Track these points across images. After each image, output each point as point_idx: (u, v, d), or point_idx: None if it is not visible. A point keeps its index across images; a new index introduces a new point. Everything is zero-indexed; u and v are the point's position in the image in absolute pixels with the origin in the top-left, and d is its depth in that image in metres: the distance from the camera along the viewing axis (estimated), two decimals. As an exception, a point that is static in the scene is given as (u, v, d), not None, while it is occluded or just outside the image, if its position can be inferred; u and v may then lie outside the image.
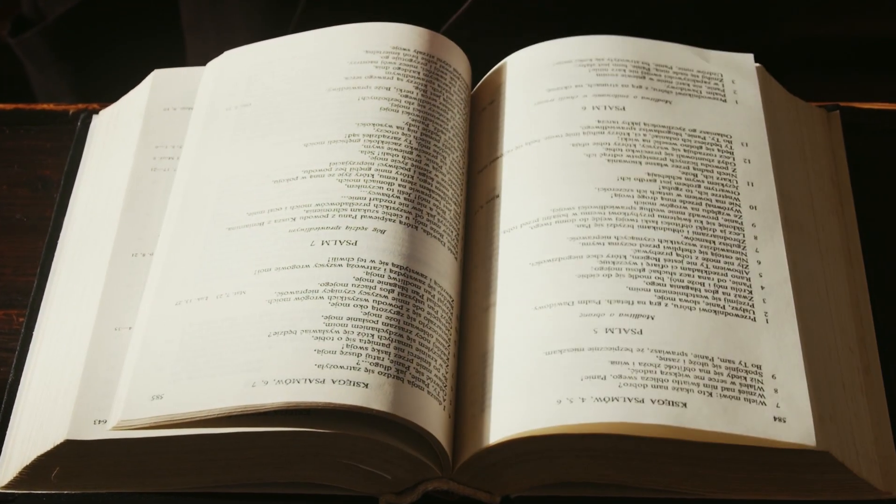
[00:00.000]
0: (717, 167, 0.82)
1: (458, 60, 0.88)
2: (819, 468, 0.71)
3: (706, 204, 0.80)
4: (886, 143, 0.92)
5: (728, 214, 0.79)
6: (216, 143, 0.84)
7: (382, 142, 0.82)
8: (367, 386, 0.70)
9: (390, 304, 0.74)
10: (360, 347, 0.72)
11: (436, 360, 0.74)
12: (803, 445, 0.70)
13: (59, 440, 0.72)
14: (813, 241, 0.81)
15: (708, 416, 0.70)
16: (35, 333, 0.79)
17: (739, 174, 0.81)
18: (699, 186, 0.80)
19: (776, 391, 0.72)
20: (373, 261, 0.76)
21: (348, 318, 0.73)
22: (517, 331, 0.75)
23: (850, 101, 0.93)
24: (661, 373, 0.71)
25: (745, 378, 0.72)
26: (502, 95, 0.88)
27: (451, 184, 0.82)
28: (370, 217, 0.78)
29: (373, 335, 0.72)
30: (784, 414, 0.71)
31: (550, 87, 0.86)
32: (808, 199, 0.83)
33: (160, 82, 0.89)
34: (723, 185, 0.81)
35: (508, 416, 0.71)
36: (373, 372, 0.71)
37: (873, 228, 0.85)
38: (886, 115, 0.94)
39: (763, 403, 0.71)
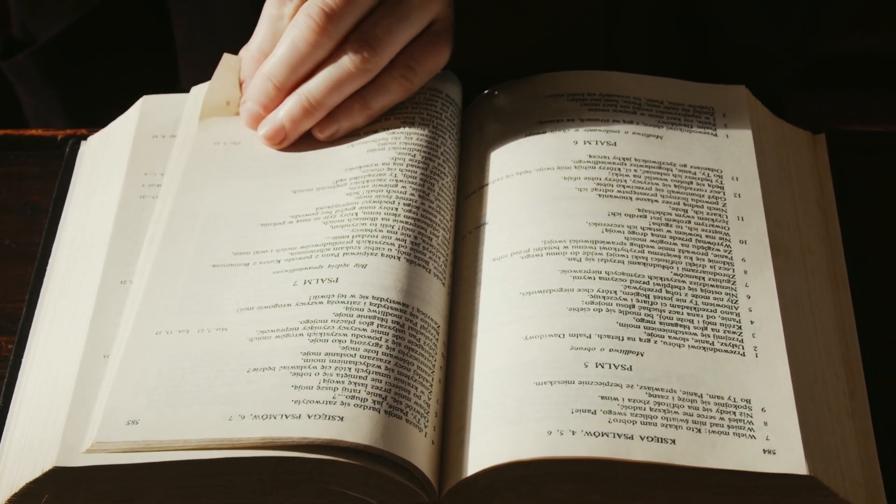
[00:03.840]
0: (707, 202, 0.82)
1: (450, 85, 0.88)
2: (805, 492, 0.71)
3: (696, 240, 0.80)
4: (872, 164, 0.92)
5: (718, 250, 0.79)
6: (203, 177, 0.84)
7: (367, 181, 0.82)
8: (342, 419, 0.71)
9: (368, 337, 0.74)
10: (337, 381, 0.72)
11: (416, 388, 0.74)
12: (794, 475, 0.70)
13: (47, 467, 0.71)
14: (798, 264, 0.81)
15: (696, 452, 0.70)
16: (24, 360, 0.79)
17: (730, 209, 0.81)
18: (689, 222, 0.80)
19: (766, 424, 0.72)
20: (353, 295, 0.76)
21: (326, 354, 0.73)
22: (506, 359, 0.75)
23: (847, 120, 0.93)
24: (651, 409, 0.72)
25: (735, 413, 0.72)
26: (492, 123, 0.88)
27: (438, 210, 0.82)
28: (352, 254, 0.78)
29: (350, 368, 0.73)
30: (774, 446, 0.71)
31: (541, 119, 0.86)
32: (793, 222, 0.83)
33: (149, 109, 0.89)
34: (713, 220, 0.81)
35: (497, 444, 0.71)
36: (348, 405, 0.71)
37: (859, 251, 0.85)
38: (872, 136, 0.94)
39: (753, 437, 0.71)
